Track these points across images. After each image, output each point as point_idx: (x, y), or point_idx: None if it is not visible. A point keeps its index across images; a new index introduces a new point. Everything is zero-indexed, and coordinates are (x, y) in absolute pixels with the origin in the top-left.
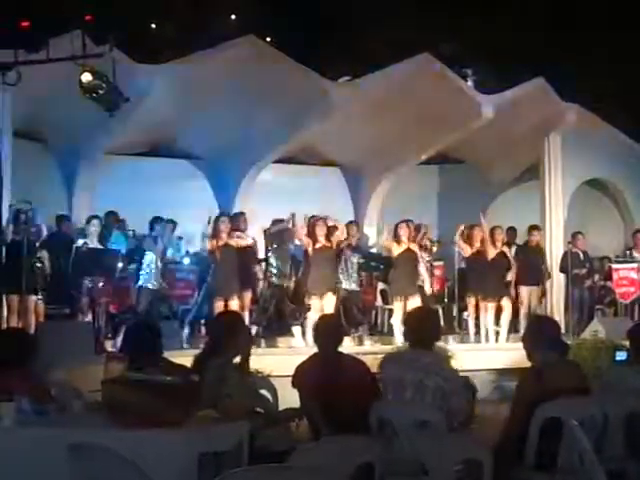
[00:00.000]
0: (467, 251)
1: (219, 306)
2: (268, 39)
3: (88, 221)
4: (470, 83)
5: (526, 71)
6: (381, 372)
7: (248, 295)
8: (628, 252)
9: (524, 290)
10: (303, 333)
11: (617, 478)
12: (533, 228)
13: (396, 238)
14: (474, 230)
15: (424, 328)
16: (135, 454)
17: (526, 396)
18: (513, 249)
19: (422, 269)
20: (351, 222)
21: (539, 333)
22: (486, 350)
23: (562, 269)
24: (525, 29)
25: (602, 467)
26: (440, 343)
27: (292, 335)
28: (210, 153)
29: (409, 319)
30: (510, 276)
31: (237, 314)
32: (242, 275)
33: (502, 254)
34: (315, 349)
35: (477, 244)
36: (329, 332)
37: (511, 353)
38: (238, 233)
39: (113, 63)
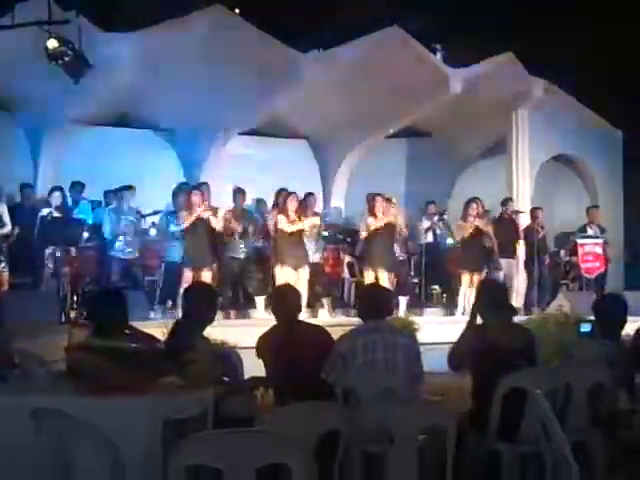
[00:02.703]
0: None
1: (188, 277)
2: (237, 10)
3: (50, 192)
4: (439, 57)
5: (495, 45)
6: (333, 351)
7: (217, 266)
8: (588, 228)
9: (502, 262)
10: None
11: (580, 449)
12: (508, 200)
13: (372, 212)
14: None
15: (374, 303)
16: (99, 420)
17: (467, 340)
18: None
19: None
20: (309, 194)
21: (487, 295)
22: (452, 323)
23: (526, 243)
24: (495, 3)
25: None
26: (408, 316)
27: (255, 307)
28: (177, 124)
29: (360, 295)
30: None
31: (209, 285)
32: (212, 247)
33: (477, 228)
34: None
35: (470, 218)
36: (287, 301)
37: None
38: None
39: (79, 30)
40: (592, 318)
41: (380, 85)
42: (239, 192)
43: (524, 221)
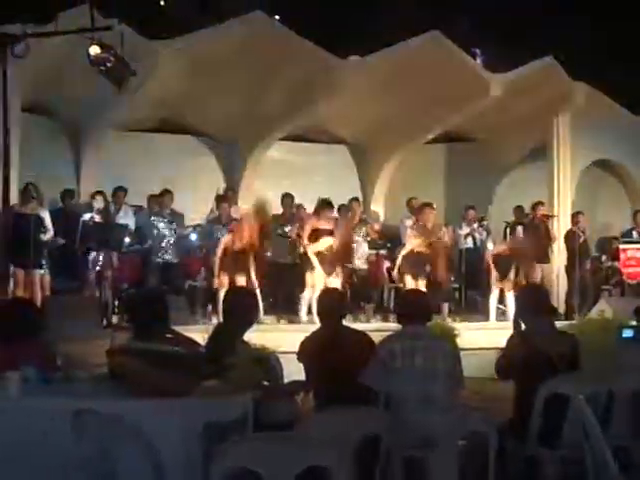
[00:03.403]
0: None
1: (223, 281)
2: (277, 16)
3: (93, 197)
4: (479, 61)
5: (535, 50)
6: (375, 356)
7: (255, 272)
8: (634, 233)
9: (537, 267)
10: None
11: (621, 455)
12: (537, 204)
13: (420, 222)
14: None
15: (413, 308)
16: (140, 423)
17: (512, 350)
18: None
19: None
20: (354, 199)
21: (528, 300)
22: (492, 329)
23: (567, 248)
24: (535, 7)
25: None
26: (448, 321)
27: (296, 312)
28: (217, 130)
29: (399, 300)
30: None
31: (249, 289)
32: (249, 253)
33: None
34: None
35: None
36: (333, 305)
37: None
38: None
39: (121, 37)
40: (634, 323)
41: (420, 90)
42: (287, 197)
43: (564, 226)
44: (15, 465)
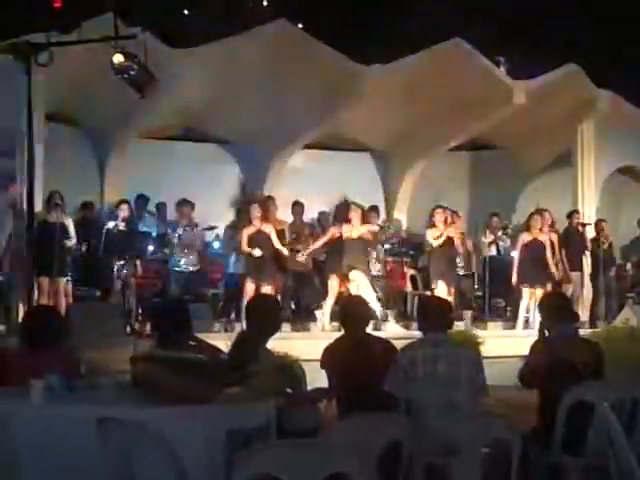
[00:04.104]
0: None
1: (250, 289)
2: (300, 25)
3: (117, 205)
4: (503, 69)
5: (559, 57)
6: (395, 364)
7: (281, 280)
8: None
9: (573, 275)
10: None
11: None
12: (573, 212)
13: (431, 223)
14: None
15: (434, 316)
16: (162, 430)
17: (535, 357)
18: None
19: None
20: (372, 207)
21: (550, 309)
22: (515, 337)
23: (591, 256)
24: (558, 13)
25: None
26: (474, 329)
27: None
28: (241, 137)
29: (420, 308)
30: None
31: (272, 297)
32: (274, 260)
33: (537, 241)
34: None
35: (535, 231)
36: (357, 313)
37: None
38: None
39: (145, 45)
40: None
41: (443, 97)
42: (297, 205)
43: (590, 233)
44: (38, 472)
